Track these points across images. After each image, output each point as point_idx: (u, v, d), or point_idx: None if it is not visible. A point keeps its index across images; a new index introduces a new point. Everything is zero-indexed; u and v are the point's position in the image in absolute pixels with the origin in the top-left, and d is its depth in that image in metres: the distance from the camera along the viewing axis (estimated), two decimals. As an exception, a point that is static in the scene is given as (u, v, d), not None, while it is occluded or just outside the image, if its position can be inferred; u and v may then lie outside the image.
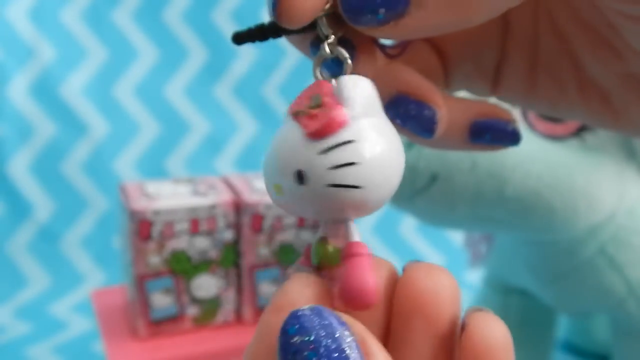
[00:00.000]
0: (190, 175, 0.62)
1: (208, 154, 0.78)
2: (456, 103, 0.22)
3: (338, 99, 0.16)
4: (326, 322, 0.15)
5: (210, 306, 0.45)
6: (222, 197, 0.44)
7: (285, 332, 0.15)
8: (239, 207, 0.45)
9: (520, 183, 0.35)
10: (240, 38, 0.18)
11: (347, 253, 0.16)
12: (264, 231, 0.45)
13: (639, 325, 0.40)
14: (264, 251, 0.45)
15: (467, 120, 0.22)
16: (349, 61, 0.18)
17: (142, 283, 0.43)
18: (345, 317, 0.16)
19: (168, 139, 0.77)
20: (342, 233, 0.17)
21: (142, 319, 0.44)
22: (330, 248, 0.17)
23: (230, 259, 0.45)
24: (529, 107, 0.25)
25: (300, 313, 0.15)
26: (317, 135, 0.16)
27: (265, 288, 0.46)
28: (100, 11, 0.76)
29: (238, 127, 0.79)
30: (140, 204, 0.42)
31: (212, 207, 0.44)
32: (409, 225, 0.75)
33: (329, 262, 0.17)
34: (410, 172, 0.36)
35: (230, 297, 0.46)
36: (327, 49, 0.18)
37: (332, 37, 0.18)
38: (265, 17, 0.20)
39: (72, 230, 0.71)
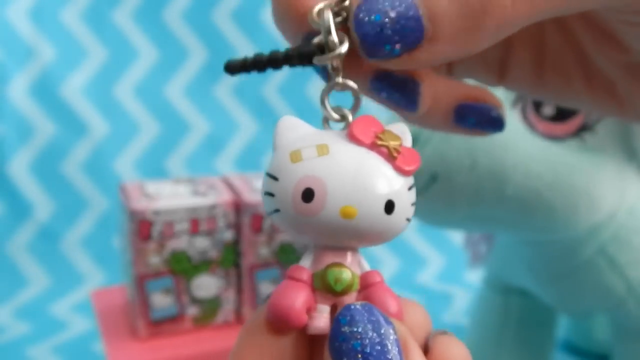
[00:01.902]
0: (190, 175, 0.62)
1: (208, 154, 0.78)
2: (444, 83, 0.22)
3: (404, 141, 0.18)
4: (374, 319, 0.16)
5: (210, 306, 0.45)
6: (222, 197, 0.44)
7: (337, 322, 0.16)
8: (239, 207, 0.45)
9: (521, 183, 0.35)
10: (233, 68, 0.19)
11: (369, 281, 0.18)
12: (264, 231, 0.45)
13: (639, 325, 0.40)
14: (264, 251, 0.45)
15: (454, 101, 0.22)
16: (360, 95, 0.19)
17: (142, 283, 0.43)
18: (393, 319, 0.17)
19: (168, 139, 0.77)
20: (355, 260, 0.18)
21: (142, 319, 0.44)
22: (352, 274, 0.17)
23: (230, 259, 0.45)
24: (536, 96, 0.26)
25: (353, 307, 0.16)
26: (409, 173, 0.17)
27: (265, 288, 0.46)
28: (100, 11, 0.76)
29: (238, 127, 0.79)
30: (140, 204, 0.42)
31: (212, 207, 0.44)
32: (409, 225, 0.75)
33: (350, 289, 0.17)
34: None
35: (230, 297, 0.46)
36: (339, 80, 0.19)
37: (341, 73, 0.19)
38: (265, 18, 0.20)
39: (72, 230, 0.71)
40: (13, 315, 0.62)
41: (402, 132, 0.18)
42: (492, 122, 0.23)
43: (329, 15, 0.18)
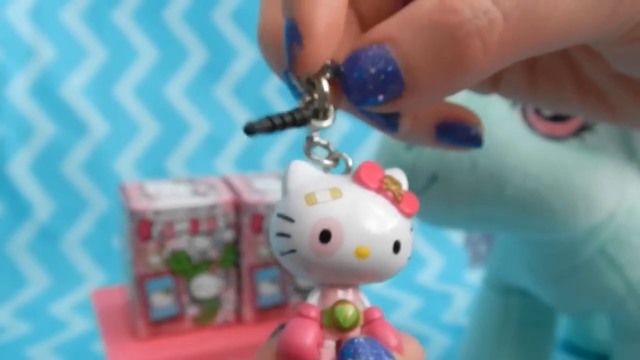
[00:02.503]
0: (190, 175, 0.62)
1: (208, 154, 0.78)
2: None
3: (402, 185, 0.20)
4: (376, 351, 0.18)
5: (210, 306, 0.45)
6: (222, 197, 0.44)
7: (342, 355, 0.18)
8: (239, 207, 0.45)
9: (520, 183, 0.35)
10: (253, 130, 0.19)
11: (372, 317, 0.19)
12: (264, 231, 0.45)
13: (639, 325, 0.40)
14: (264, 251, 0.45)
15: (435, 120, 0.24)
16: (350, 162, 0.20)
17: (142, 283, 0.43)
18: (393, 352, 0.18)
19: (168, 139, 0.77)
20: (358, 297, 0.19)
21: (142, 319, 0.44)
22: (357, 311, 0.19)
23: (230, 259, 0.45)
24: (530, 103, 0.26)
25: (356, 340, 0.18)
26: (411, 215, 0.19)
27: (265, 288, 0.46)
28: (100, 11, 0.76)
29: (238, 127, 0.79)
30: (140, 204, 0.42)
31: (212, 207, 0.44)
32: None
33: (356, 325, 0.19)
34: (410, 172, 0.36)
35: (230, 297, 0.46)
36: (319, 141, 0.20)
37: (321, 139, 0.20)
38: None
39: (72, 230, 0.71)
40: (13, 315, 0.62)
41: (400, 177, 0.20)
42: (471, 139, 0.24)
43: (324, 84, 0.20)
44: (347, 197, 0.18)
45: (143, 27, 0.77)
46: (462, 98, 0.29)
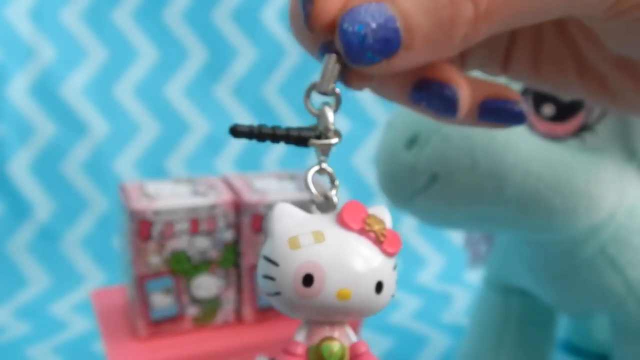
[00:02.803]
0: (190, 175, 0.62)
1: (208, 154, 0.78)
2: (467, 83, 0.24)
3: (385, 223, 0.20)
4: None
5: (210, 306, 0.45)
6: (222, 197, 0.44)
7: None
8: (239, 207, 0.45)
9: (520, 183, 0.35)
10: (238, 133, 0.21)
11: (357, 352, 0.19)
12: (264, 231, 0.45)
13: (639, 325, 0.40)
14: (264, 251, 0.45)
15: (477, 99, 0.24)
16: (335, 200, 0.21)
17: (142, 283, 0.43)
18: None
19: (168, 139, 0.77)
20: (344, 332, 0.20)
21: (142, 319, 0.44)
22: (342, 347, 0.19)
23: (230, 259, 0.45)
24: (535, 87, 0.28)
25: None
26: (394, 254, 0.20)
27: (265, 288, 0.46)
28: (100, 11, 0.76)
29: (238, 127, 0.79)
30: (140, 204, 0.42)
31: (212, 207, 0.44)
32: (409, 225, 0.75)
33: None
34: (410, 172, 0.36)
35: (230, 297, 0.46)
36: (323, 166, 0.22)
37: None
38: (265, 18, 0.21)
39: (72, 230, 0.71)
40: (13, 315, 0.62)
41: (383, 215, 0.20)
42: (514, 116, 0.24)
43: (328, 111, 0.21)
44: (330, 240, 0.19)
45: (143, 27, 0.77)
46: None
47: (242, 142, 0.79)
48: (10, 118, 0.72)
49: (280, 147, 0.78)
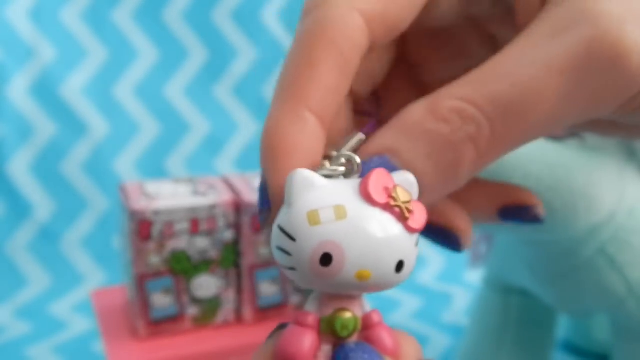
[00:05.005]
0: (190, 175, 0.62)
1: (208, 154, 0.78)
2: (485, 190, 0.26)
3: (413, 195, 0.19)
4: (367, 356, 0.18)
5: (210, 306, 0.45)
6: (222, 197, 0.44)
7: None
8: (239, 207, 0.45)
9: (520, 183, 0.35)
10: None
11: (371, 322, 0.19)
12: (264, 231, 0.45)
13: (639, 325, 0.40)
14: (264, 251, 0.45)
15: (496, 206, 0.25)
16: (358, 161, 0.20)
17: (142, 283, 0.43)
18: (387, 357, 0.19)
19: (168, 139, 0.77)
20: (359, 302, 0.19)
21: (142, 319, 0.44)
22: (356, 320, 0.19)
23: (230, 259, 0.45)
24: None
25: (347, 346, 0.18)
26: (419, 231, 0.19)
27: (265, 288, 0.46)
28: (100, 11, 0.76)
29: (238, 127, 0.79)
30: (140, 204, 0.42)
31: (212, 207, 0.44)
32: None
33: (355, 332, 0.19)
34: (410, 172, 0.36)
35: (230, 297, 0.46)
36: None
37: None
38: (265, 18, 0.21)
39: (72, 230, 0.71)
40: (13, 315, 0.62)
41: (410, 184, 0.19)
42: (532, 219, 0.25)
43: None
44: (352, 217, 0.18)
45: (143, 27, 0.77)
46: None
47: (242, 142, 0.79)
48: (10, 118, 0.72)
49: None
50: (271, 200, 0.20)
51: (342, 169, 0.20)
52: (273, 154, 0.21)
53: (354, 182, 0.19)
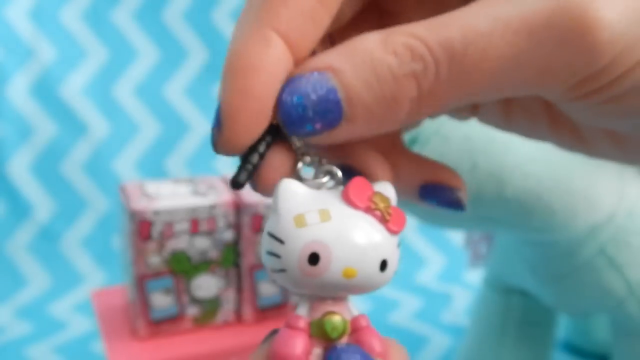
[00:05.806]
0: (190, 175, 0.62)
1: (208, 154, 0.78)
2: (412, 161, 0.25)
3: (391, 201, 0.20)
4: (358, 357, 0.19)
5: (210, 306, 0.45)
6: (222, 197, 0.44)
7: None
8: (239, 207, 0.45)
9: (520, 184, 0.35)
10: (238, 184, 0.20)
11: (359, 325, 0.20)
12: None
13: (639, 325, 0.40)
14: (264, 251, 0.45)
15: (419, 181, 0.24)
16: (339, 174, 0.21)
17: (142, 283, 0.43)
18: (377, 359, 0.19)
19: (168, 139, 0.77)
20: (346, 306, 0.20)
21: (142, 319, 0.44)
22: (344, 322, 0.19)
23: (230, 259, 0.45)
24: (505, 131, 0.27)
25: (339, 347, 0.19)
26: (398, 232, 0.20)
27: (265, 288, 0.46)
28: (100, 11, 0.76)
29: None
30: (140, 204, 0.42)
31: (212, 207, 0.44)
32: (409, 225, 0.74)
33: (344, 334, 0.19)
34: (410, 172, 0.36)
35: (230, 297, 0.46)
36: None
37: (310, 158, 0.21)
38: None
39: (72, 230, 0.71)
40: (13, 315, 0.62)
41: (388, 192, 0.20)
42: (452, 203, 0.25)
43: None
44: (336, 219, 0.19)
45: (143, 27, 0.77)
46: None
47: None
48: (10, 118, 0.72)
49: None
50: (222, 119, 0.19)
51: (325, 179, 0.21)
52: (231, 74, 0.20)
53: (336, 191, 0.20)
